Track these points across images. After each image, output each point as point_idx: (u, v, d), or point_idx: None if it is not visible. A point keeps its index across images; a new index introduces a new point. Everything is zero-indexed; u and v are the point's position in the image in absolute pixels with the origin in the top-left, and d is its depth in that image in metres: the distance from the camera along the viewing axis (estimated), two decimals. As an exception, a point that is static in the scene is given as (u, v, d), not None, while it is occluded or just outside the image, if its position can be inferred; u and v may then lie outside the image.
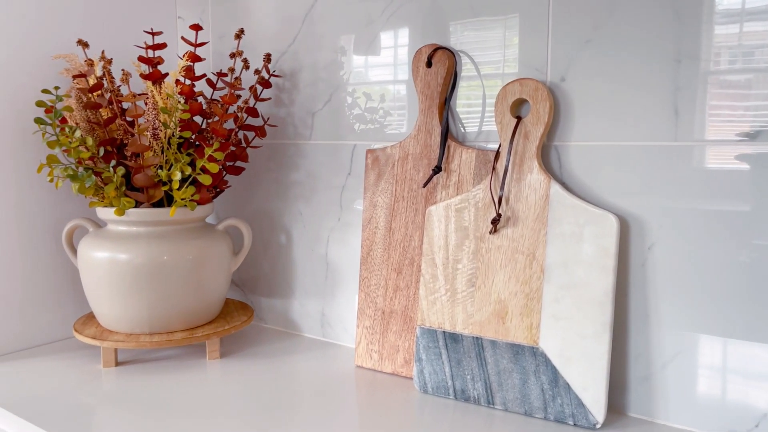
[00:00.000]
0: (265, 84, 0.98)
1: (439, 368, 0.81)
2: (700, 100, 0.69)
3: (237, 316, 1.00)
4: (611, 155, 0.75)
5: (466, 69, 0.85)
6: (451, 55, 0.84)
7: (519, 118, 0.77)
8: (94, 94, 0.91)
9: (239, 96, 0.97)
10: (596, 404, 0.71)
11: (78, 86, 0.92)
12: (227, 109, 0.95)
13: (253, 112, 0.98)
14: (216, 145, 0.88)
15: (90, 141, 0.87)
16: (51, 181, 0.89)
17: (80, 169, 0.89)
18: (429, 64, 0.85)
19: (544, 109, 0.76)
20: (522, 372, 0.76)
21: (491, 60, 0.83)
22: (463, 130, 0.86)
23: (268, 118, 1.06)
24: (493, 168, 0.79)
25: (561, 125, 0.78)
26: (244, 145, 1.01)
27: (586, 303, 0.72)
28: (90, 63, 0.92)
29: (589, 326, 0.72)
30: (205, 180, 0.88)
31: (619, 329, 0.75)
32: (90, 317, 0.98)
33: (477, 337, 0.78)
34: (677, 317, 0.72)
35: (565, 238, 0.74)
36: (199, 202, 0.92)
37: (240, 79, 0.96)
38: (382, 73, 0.93)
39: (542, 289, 0.75)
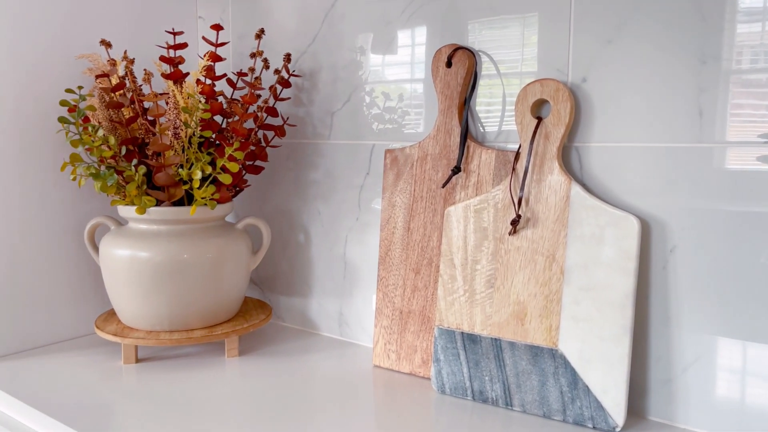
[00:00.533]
0: (285, 84, 0.99)
1: (457, 369, 0.81)
2: (722, 101, 0.68)
3: (255, 314, 1.00)
4: (633, 156, 0.74)
5: (486, 69, 0.85)
6: (471, 55, 0.84)
7: (539, 119, 0.77)
8: (117, 93, 0.92)
9: (259, 96, 0.97)
10: (616, 407, 0.71)
11: (101, 86, 0.93)
12: (247, 109, 0.95)
13: (272, 112, 0.99)
14: (236, 145, 0.89)
15: (112, 140, 0.88)
16: (74, 179, 0.90)
17: (102, 167, 0.90)
18: (449, 64, 0.85)
19: (565, 110, 0.75)
20: (541, 374, 0.75)
21: (511, 60, 0.83)
22: (482, 130, 0.86)
23: (288, 118, 1.06)
24: (513, 169, 0.78)
25: (582, 126, 0.77)
26: (263, 144, 1.01)
27: (606, 305, 0.72)
28: (113, 63, 0.93)
29: (609, 329, 0.71)
30: (225, 179, 0.88)
31: (640, 332, 0.75)
32: (111, 314, 0.99)
33: (496, 339, 0.78)
34: (699, 320, 0.71)
35: (585, 239, 0.73)
36: (219, 201, 0.93)
37: (260, 79, 0.96)
38: (400, 72, 0.93)
39: (562, 290, 0.74)
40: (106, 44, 0.94)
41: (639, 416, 0.75)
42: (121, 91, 0.92)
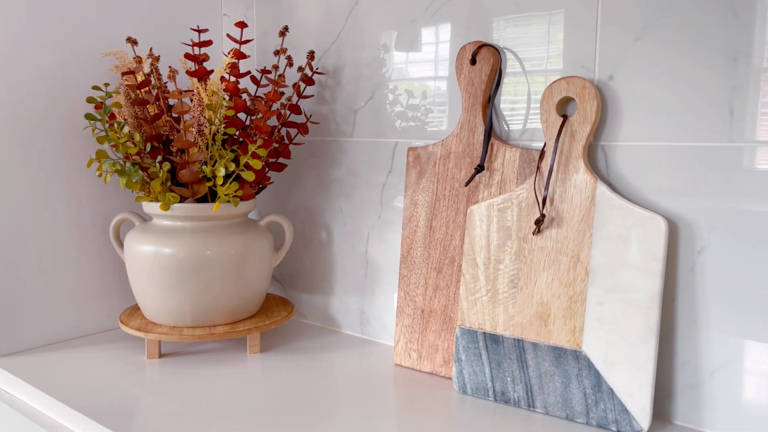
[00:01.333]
0: (308, 81, 0.99)
1: (479, 369, 0.80)
2: (753, 99, 0.66)
3: (277, 311, 1.01)
4: (661, 156, 0.72)
5: (510, 66, 0.84)
6: (496, 52, 0.83)
7: (565, 117, 0.76)
8: (142, 90, 0.92)
9: (282, 93, 0.97)
10: (641, 411, 0.69)
11: (126, 83, 0.94)
12: (271, 106, 0.95)
13: (295, 109, 0.99)
14: (259, 142, 0.89)
15: (137, 137, 0.89)
16: (99, 175, 0.91)
17: (128, 164, 0.91)
18: (473, 62, 0.84)
19: (591, 108, 0.74)
20: (564, 375, 0.74)
21: (536, 57, 0.82)
22: (506, 128, 0.85)
23: (311, 115, 1.06)
24: (538, 167, 0.77)
25: (608, 124, 0.76)
26: (286, 141, 1.02)
27: (631, 307, 0.70)
28: (138, 60, 0.94)
29: (634, 331, 0.70)
30: (249, 176, 0.89)
31: (666, 335, 0.73)
32: (135, 309, 1.00)
33: (518, 339, 0.77)
34: (727, 323, 0.69)
35: (611, 240, 0.72)
36: (242, 198, 0.93)
37: (284, 76, 0.97)
38: (423, 70, 0.93)
39: (586, 291, 0.73)
40: (132, 42, 0.95)
41: (664, 420, 0.74)
42: (147, 88, 0.92)
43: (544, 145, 0.78)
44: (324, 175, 1.07)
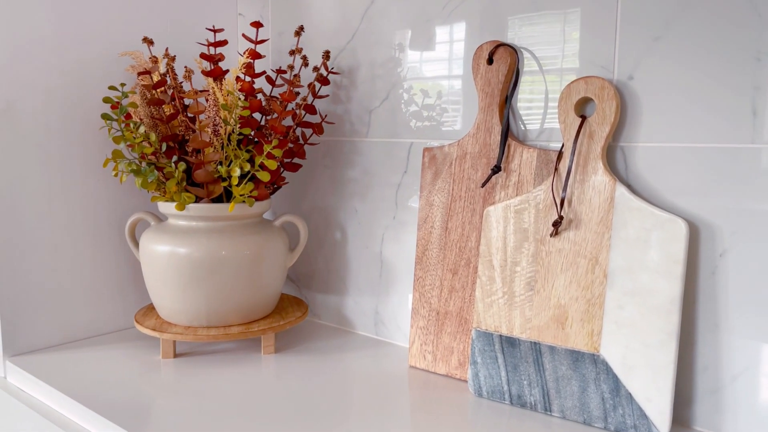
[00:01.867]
0: (324, 81, 0.99)
1: (495, 372, 0.80)
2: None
3: (292, 311, 1.00)
4: (682, 157, 0.71)
5: (527, 66, 0.83)
6: (513, 51, 0.82)
7: (583, 117, 0.75)
8: (158, 90, 0.92)
9: (298, 93, 0.97)
10: (661, 416, 0.68)
11: (142, 83, 0.94)
12: (286, 106, 0.95)
13: (310, 109, 0.99)
14: (275, 142, 0.89)
15: (153, 137, 0.89)
16: (115, 175, 0.92)
17: (143, 164, 0.91)
18: (490, 61, 0.83)
19: (611, 109, 0.73)
20: (581, 379, 0.73)
21: (554, 57, 0.81)
22: (523, 129, 0.84)
23: (326, 115, 1.06)
24: (556, 168, 0.76)
25: (628, 125, 0.75)
26: (301, 142, 1.01)
27: (651, 311, 0.69)
28: (154, 60, 0.94)
29: (654, 335, 0.69)
30: (264, 176, 0.89)
31: (686, 339, 0.72)
32: (150, 308, 1.00)
33: (535, 342, 0.77)
34: (749, 328, 0.68)
35: (630, 242, 0.71)
36: (257, 198, 0.93)
37: (299, 76, 0.96)
38: (438, 69, 0.92)
39: (605, 294, 0.72)
40: (149, 42, 0.95)
41: (684, 426, 0.73)
42: (162, 88, 0.93)
43: (562, 146, 0.77)
44: (338, 176, 1.06)
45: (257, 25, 0.98)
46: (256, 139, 0.96)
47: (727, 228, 0.69)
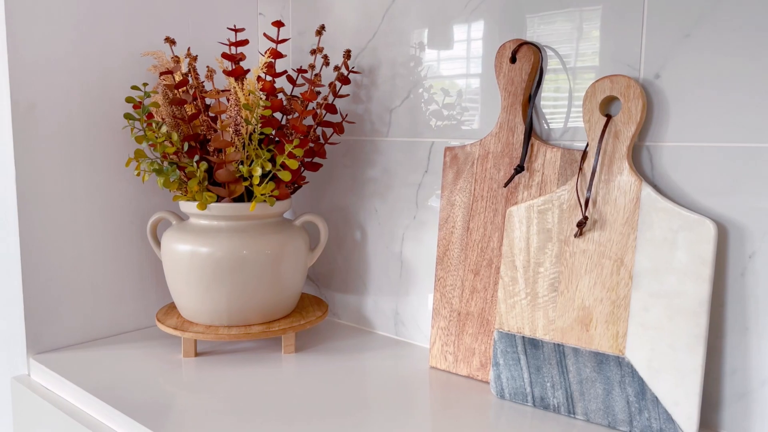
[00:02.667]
0: (344, 80, 0.98)
1: (518, 374, 0.79)
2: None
3: (312, 311, 1.00)
4: (709, 157, 0.70)
5: (551, 64, 0.82)
6: (537, 50, 0.81)
7: (609, 117, 0.74)
8: (180, 90, 0.93)
9: (319, 92, 0.97)
10: (688, 420, 0.67)
11: (165, 83, 0.94)
12: (307, 106, 0.95)
13: (331, 109, 0.98)
14: (296, 142, 0.89)
15: (175, 136, 0.89)
16: (138, 175, 0.92)
17: (165, 163, 0.91)
18: (513, 60, 0.82)
19: (637, 108, 0.72)
20: (606, 382, 0.72)
21: (578, 55, 0.79)
22: (547, 128, 0.83)
23: (346, 115, 1.05)
24: (580, 168, 0.75)
25: (654, 124, 0.74)
26: (322, 141, 1.01)
27: (678, 313, 0.68)
28: (176, 60, 0.95)
29: (681, 337, 0.68)
30: (285, 176, 0.88)
31: (714, 342, 0.71)
32: (171, 307, 1.01)
33: (558, 344, 0.76)
34: (780, 332, 0.67)
35: (656, 243, 0.70)
36: (278, 198, 0.93)
37: (320, 76, 0.96)
38: (458, 68, 0.91)
39: (630, 296, 0.71)
40: (171, 41, 0.95)
41: (711, 430, 0.72)
42: (184, 88, 0.93)
43: (587, 145, 0.76)
44: (359, 175, 1.06)
45: (278, 24, 0.98)
46: (277, 139, 0.96)
47: (757, 229, 0.67)
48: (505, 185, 0.83)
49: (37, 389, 0.90)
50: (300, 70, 0.98)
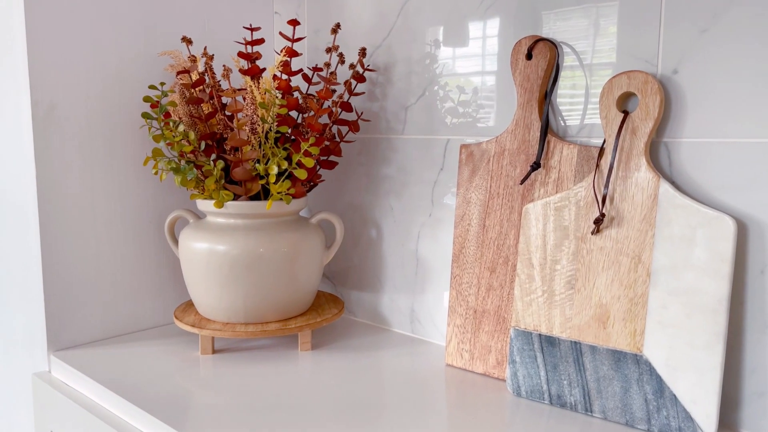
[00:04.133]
0: (360, 78, 0.98)
1: (534, 372, 0.78)
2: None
3: (328, 308, 1.01)
4: (728, 153, 0.69)
5: (567, 60, 0.81)
6: (553, 46, 0.81)
7: (626, 113, 0.73)
8: (197, 89, 0.93)
9: (334, 91, 0.97)
10: (707, 419, 0.67)
11: (181, 82, 0.95)
12: (322, 104, 0.95)
13: (347, 107, 0.98)
14: (311, 140, 0.89)
15: (192, 135, 0.90)
16: (155, 173, 0.93)
17: (182, 162, 0.92)
18: (529, 56, 0.82)
19: (654, 104, 0.71)
20: (624, 380, 0.72)
21: (594, 51, 0.79)
22: (563, 125, 0.83)
23: (362, 113, 1.06)
24: (597, 165, 0.75)
25: (672, 120, 0.73)
26: (337, 139, 1.01)
27: (697, 311, 0.68)
28: (193, 59, 0.95)
29: (700, 335, 0.67)
30: (301, 174, 0.89)
31: (733, 340, 0.70)
32: (189, 305, 1.02)
33: (575, 342, 0.75)
34: (801, 330, 0.66)
35: (674, 240, 0.69)
36: (294, 196, 0.93)
37: (335, 74, 0.96)
38: (473, 65, 0.91)
39: (648, 294, 0.71)
40: (187, 41, 0.96)
41: (731, 429, 0.71)
42: (201, 87, 0.93)
43: (604, 142, 0.75)
44: (374, 173, 1.06)
45: (294, 23, 0.98)
46: (293, 137, 0.96)
47: (777, 226, 0.67)
48: (522, 182, 0.82)
49: (58, 385, 0.91)
50: (315, 69, 0.98)
